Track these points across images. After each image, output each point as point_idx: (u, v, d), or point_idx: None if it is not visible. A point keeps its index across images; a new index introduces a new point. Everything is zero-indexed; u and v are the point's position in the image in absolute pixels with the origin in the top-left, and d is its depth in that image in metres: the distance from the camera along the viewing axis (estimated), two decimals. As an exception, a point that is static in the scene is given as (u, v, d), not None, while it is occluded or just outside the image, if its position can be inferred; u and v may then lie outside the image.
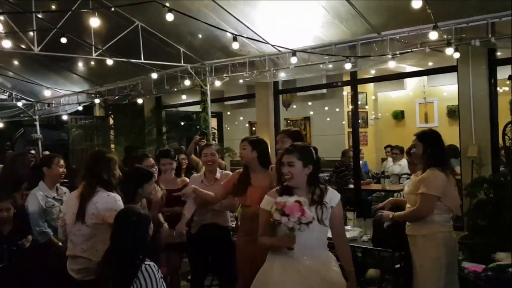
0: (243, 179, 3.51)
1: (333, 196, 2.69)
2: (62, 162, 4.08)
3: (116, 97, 8.79)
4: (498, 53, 5.18)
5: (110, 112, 10.23)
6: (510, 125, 3.51)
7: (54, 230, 3.90)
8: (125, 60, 6.54)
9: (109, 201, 3.00)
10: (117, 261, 2.49)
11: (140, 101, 8.67)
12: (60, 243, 3.90)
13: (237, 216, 4.70)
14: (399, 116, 10.08)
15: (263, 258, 2.98)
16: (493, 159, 5.09)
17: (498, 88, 5.26)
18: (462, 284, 3.35)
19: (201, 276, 4.14)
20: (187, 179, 4.29)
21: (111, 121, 10.29)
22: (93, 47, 6.21)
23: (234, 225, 4.63)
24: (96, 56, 6.34)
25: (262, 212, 2.70)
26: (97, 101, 9.25)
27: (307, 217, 2.42)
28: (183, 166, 5.05)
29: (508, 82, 3.63)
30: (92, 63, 7.56)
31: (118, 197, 3.07)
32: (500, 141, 5.15)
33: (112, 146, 9.52)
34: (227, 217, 4.10)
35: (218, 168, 4.13)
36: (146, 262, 2.50)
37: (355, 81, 6.61)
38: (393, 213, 3.40)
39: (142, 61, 6.44)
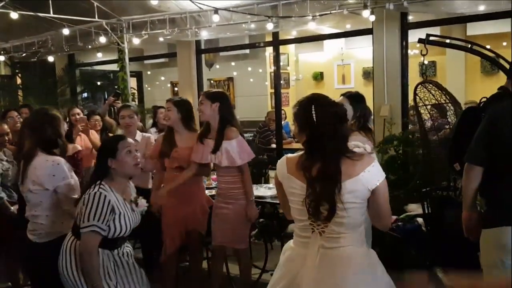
0: (168, 141, 3.49)
1: None
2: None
3: (24, 54, 8.07)
4: (410, 17, 5.47)
5: (17, 71, 9.42)
6: (420, 85, 3.77)
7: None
8: (32, 14, 5.96)
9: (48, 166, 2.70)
10: None
11: (51, 58, 8.03)
12: (11, 208, 3.63)
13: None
14: (318, 77, 10.40)
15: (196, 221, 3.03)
16: (403, 118, 5.48)
17: (409, 51, 5.61)
18: (375, 234, 3.63)
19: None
20: (79, 147, 4.07)
21: (19, 81, 9.50)
22: (-6, -3, 5.58)
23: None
24: (-2, 8, 5.71)
25: None
26: (1, 58, 8.43)
27: None
28: (96, 128, 4.94)
29: (418, 45, 3.87)
30: (-7, 16, 6.80)
31: (60, 160, 2.73)
32: (410, 101, 5.52)
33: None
34: (148, 179, 4.01)
35: (138, 131, 4.02)
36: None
37: (277, 42, 6.65)
38: None
39: (52, 15, 5.92)
